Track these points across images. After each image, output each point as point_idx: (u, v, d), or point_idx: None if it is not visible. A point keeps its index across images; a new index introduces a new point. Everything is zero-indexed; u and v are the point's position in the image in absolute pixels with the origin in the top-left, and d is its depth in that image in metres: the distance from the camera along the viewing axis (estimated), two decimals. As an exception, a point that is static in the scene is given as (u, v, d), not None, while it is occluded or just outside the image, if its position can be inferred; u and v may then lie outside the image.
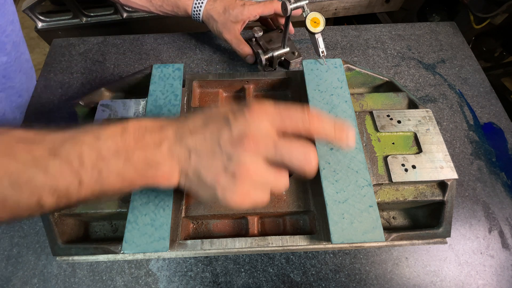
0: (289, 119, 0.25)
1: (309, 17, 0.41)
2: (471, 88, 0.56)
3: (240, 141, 0.24)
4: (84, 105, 0.42)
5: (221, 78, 0.47)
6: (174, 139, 0.25)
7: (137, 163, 0.24)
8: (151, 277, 0.39)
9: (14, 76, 0.48)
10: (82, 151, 0.23)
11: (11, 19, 0.46)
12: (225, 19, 0.51)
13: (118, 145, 0.24)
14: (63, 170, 0.22)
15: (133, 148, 0.24)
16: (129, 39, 0.63)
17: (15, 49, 0.48)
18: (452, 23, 0.66)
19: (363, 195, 0.33)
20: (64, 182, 0.23)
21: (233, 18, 0.51)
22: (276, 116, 0.25)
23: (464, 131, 0.51)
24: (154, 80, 0.42)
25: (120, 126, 0.25)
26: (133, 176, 0.25)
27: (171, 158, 0.25)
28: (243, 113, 0.25)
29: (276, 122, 0.25)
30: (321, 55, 0.42)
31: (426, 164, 0.36)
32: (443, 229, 0.36)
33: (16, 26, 0.48)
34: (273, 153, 0.24)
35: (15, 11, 0.48)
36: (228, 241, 0.35)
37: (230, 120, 0.25)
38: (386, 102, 0.43)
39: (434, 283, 0.39)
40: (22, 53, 0.51)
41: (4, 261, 0.40)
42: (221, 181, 0.24)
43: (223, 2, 0.51)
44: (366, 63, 0.59)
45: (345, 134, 0.26)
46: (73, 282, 0.38)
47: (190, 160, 0.25)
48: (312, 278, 0.39)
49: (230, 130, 0.24)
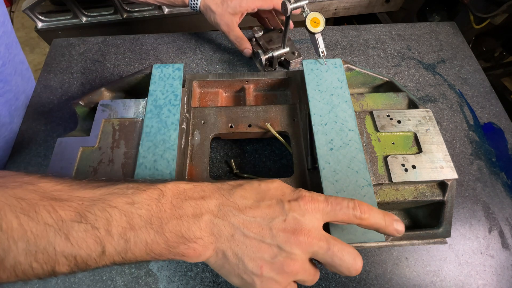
0: (341, 213, 0.24)
1: (309, 17, 0.41)
2: (471, 88, 0.56)
3: (294, 232, 0.22)
4: (84, 105, 0.42)
5: (221, 78, 0.47)
6: (217, 213, 0.23)
7: (169, 235, 0.22)
8: (151, 277, 0.39)
9: (10, 79, 0.47)
10: (112, 217, 0.21)
11: (2, 20, 0.45)
12: (223, 11, 0.50)
13: (152, 214, 0.22)
14: (87, 238, 0.20)
15: (168, 217, 0.22)
16: (129, 39, 0.63)
17: (8, 51, 0.47)
18: (452, 23, 0.66)
19: (363, 195, 0.33)
20: (86, 251, 0.20)
21: (231, 9, 0.50)
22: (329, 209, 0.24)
23: (464, 131, 0.51)
24: (154, 80, 0.42)
25: (158, 190, 0.23)
26: (162, 249, 0.22)
27: (209, 234, 0.23)
28: (298, 203, 0.24)
29: (329, 216, 0.24)
30: (321, 55, 0.42)
31: (426, 164, 0.36)
32: (443, 229, 0.36)
33: (7, 27, 0.47)
34: (324, 252, 0.23)
35: (6, 12, 0.47)
36: (228, 241, 0.35)
37: (285, 206, 0.23)
38: (386, 102, 0.43)
39: (434, 283, 0.39)
40: (15, 55, 0.50)
41: (4, 261, 0.40)
42: (264, 271, 0.22)
43: None
44: (366, 63, 0.59)
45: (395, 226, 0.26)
46: (73, 282, 0.38)
47: (232, 240, 0.23)
48: (312, 278, 0.39)
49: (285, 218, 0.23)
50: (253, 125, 0.43)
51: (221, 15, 0.51)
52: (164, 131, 0.37)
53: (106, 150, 0.37)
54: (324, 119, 0.38)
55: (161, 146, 0.36)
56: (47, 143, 0.49)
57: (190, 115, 0.43)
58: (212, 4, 0.51)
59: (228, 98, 0.49)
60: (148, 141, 0.37)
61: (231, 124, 0.43)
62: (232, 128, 0.42)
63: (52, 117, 0.52)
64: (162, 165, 0.35)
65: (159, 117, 0.38)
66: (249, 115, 0.43)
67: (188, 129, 0.42)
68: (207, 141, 0.41)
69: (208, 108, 0.44)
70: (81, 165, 0.36)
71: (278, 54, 0.52)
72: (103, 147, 0.37)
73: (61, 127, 0.51)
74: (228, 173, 0.45)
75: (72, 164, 0.35)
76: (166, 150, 0.36)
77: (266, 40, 0.55)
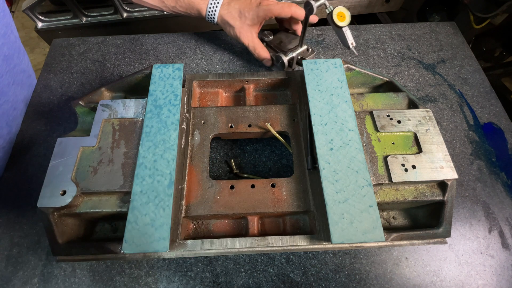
0: None
1: (335, 12, 0.41)
2: (471, 88, 0.56)
3: None
4: (84, 105, 0.42)
5: (221, 78, 0.47)
6: None
7: None
8: (151, 277, 0.39)
9: (7, 90, 0.46)
10: None
11: (3, 32, 0.44)
12: (241, 24, 0.50)
13: None
14: None
15: None
16: (129, 39, 0.63)
17: (7, 62, 0.45)
18: (452, 23, 0.66)
19: (363, 195, 0.33)
20: None
21: (249, 21, 0.50)
22: None
23: (464, 131, 0.51)
24: (154, 80, 0.42)
25: None
26: None
27: None
28: None
29: None
30: (351, 46, 0.43)
31: (426, 164, 0.36)
32: (443, 229, 0.36)
33: (9, 38, 0.46)
34: None
35: (9, 23, 0.46)
36: (228, 241, 0.35)
37: None
38: (386, 102, 0.43)
39: (434, 283, 0.39)
40: (16, 65, 0.49)
41: (4, 261, 0.40)
42: None
43: (238, 3, 0.50)
44: (366, 63, 0.59)
45: None
46: (73, 282, 0.38)
47: None
48: (312, 278, 0.39)
49: None
50: (253, 125, 0.43)
51: (240, 28, 0.51)
52: (164, 131, 0.37)
53: (106, 150, 0.37)
54: (324, 119, 0.38)
55: (161, 146, 0.36)
56: (47, 143, 0.49)
57: (190, 115, 0.43)
58: (230, 19, 0.50)
59: (228, 98, 0.49)
60: (148, 141, 0.37)
61: (231, 124, 0.43)
62: (232, 128, 0.42)
63: (52, 117, 0.52)
64: (162, 165, 0.35)
65: (159, 117, 0.38)
66: (249, 115, 0.43)
67: (188, 129, 0.42)
68: (207, 141, 0.41)
69: (208, 108, 0.44)
70: (81, 165, 0.36)
71: (298, 53, 0.51)
72: (103, 147, 0.37)
73: (61, 127, 0.51)
74: (228, 173, 0.45)
75: (72, 164, 0.35)
76: (166, 150, 0.36)
77: (277, 42, 0.55)
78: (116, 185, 0.35)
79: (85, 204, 0.35)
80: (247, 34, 0.51)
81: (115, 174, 0.35)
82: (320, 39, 0.62)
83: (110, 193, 0.35)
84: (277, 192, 0.38)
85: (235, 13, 0.50)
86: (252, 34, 0.51)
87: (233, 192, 0.38)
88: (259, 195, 0.37)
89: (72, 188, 0.34)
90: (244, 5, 0.50)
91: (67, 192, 0.34)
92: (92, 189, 0.34)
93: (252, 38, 0.52)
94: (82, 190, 0.34)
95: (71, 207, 0.34)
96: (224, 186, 0.38)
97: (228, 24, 0.51)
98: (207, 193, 0.38)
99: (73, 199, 0.33)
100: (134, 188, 0.34)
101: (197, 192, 0.38)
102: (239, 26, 0.50)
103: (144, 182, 0.34)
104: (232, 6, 0.50)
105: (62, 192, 0.33)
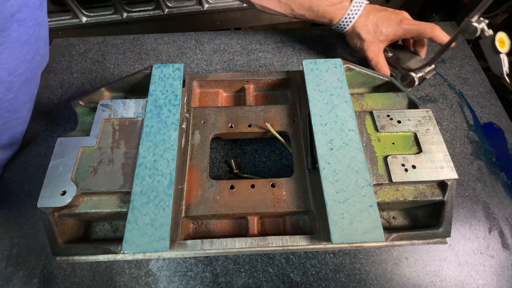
0: None
1: (497, 37, 0.40)
2: (471, 88, 0.56)
3: None
4: (84, 105, 0.42)
5: (221, 78, 0.47)
6: None
7: None
8: (151, 277, 0.39)
9: (21, 109, 0.45)
10: None
11: (29, 58, 0.42)
12: (373, 38, 0.48)
13: None
14: None
15: None
16: (129, 39, 0.63)
17: (25, 85, 0.43)
18: (452, 23, 0.66)
19: (363, 195, 0.33)
20: None
21: (383, 37, 0.48)
22: None
23: (464, 131, 0.51)
24: (154, 80, 0.42)
25: None
26: None
27: None
28: None
29: None
30: (504, 74, 0.41)
31: (426, 164, 0.36)
32: (443, 229, 0.36)
33: (32, 64, 0.43)
34: None
35: (37, 50, 0.44)
36: (228, 241, 0.35)
37: None
38: (386, 102, 0.43)
39: (434, 283, 0.39)
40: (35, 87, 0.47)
41: (4, 261, 0.40)
42: None
43: (377, 17, 0.48)
44: (366, 63, 0.59)
45: None
46: (73, 282, 0.38)
47: None
48: (312, 278, 0.39)
49: None
50: (253, 125, 0.43)
51: (371, 42, 0.49)
52: (164, 131, 0.37)
53: (106, 150, 0.37)
54: (324, 119, 0.38)
55: (161, 146, 0.36)
56: (47, 143, 0.49)
57: (190, 115, 0.43)
58: (363, 32, 0.49)
59: (228, 98, 0.49)
60: (148, 141, 0.37)
61: (231, 124, 0.43)
62: (232, 128, 0.42)
63: (52, 117, 0.52)
64: (162, 165, 0.35)
65: (159, 117, 0.38)
66: (249, 115, 0.43)
67: (188, 129, 0.42)
68: (207, 141, 0.41)
69: (208, 108, 0.44)
70: (81, 165, 0.36)
71: (427, 72, 0.49)
72: (103, 147, 0.37)
73: (61, 127, 0.51)
74: (228, 173, 0.45)
75: (72, 164, 0.35)
76: (166, 150, 0.36)
77: (395, 59, 0.53)
78: (116, 185, 0.35)
79: (85, 204, 0.35)
80: (374, 49, 0.49)
81: (115, 174, 0.35)
82: (320, 39, 0.62)
83: (110, 193, 0.35)
84: (277, 192, 0.38)
85: (370, 27, 0.48)
86: (380, 49, 0.50)
87: (233, 192, 0.38)
88: (259, 195, 0.37)
89: (72, 188, 0.34)
90: (383, 20, 0.48)
91: (67, 192, 0.34)
92: (92, 189, 0.34)
93: (378, 54, 0.50)
94: (82, 190, 0.34)
95: (71, 207, 0.34)
96: (224, 186, 0.38)
97: (358, 36, 0.49)
98: (207, 193, 0.38)
99: (73, 199, 0.33)
100: (134, 188, 0.34)
101: (197, 192, 0.38)
102: (369, 41, 0.49)
103: (144, 182, 0.34)
104: (370, 19, 0.48)
105: (62, 192, 0.33)
